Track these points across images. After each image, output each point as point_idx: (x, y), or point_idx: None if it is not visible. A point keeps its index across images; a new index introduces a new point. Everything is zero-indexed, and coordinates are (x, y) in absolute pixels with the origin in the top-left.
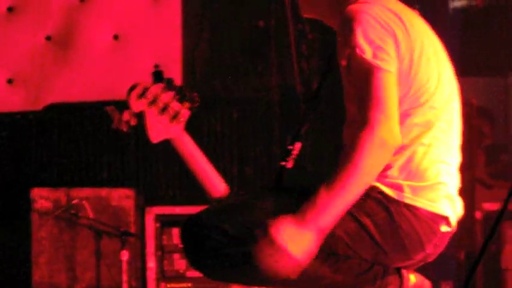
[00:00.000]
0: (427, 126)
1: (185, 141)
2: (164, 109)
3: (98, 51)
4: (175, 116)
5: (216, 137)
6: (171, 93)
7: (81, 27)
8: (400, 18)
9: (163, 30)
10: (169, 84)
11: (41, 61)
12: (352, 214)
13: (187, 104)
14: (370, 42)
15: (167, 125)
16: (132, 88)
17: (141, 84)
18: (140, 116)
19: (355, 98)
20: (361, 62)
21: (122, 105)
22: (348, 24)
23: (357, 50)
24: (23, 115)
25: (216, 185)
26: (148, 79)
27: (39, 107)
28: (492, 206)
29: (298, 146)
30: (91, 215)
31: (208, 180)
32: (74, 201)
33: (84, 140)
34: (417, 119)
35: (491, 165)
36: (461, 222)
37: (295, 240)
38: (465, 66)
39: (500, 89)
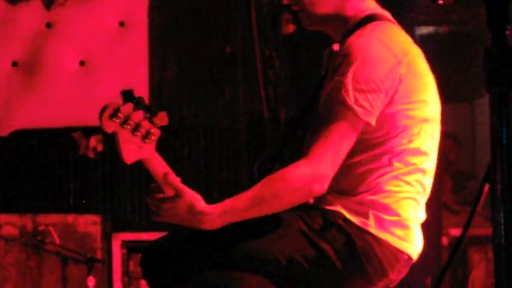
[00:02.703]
0: (413, 167)
1: (157, 161)
2: (136, 128)
3: (64, 77)
4: (146, 136)
5: (183, 163)
6: (142, 112)
7: (48, 53)
8: (405, 55)
9: (130, 56)
10: (139, 103)
11: (7, 87)
12: (311, 240)
13: (157, 123)
14: (358, 85)
15: (139, 145)
16: (104, 109)
17: (112, 104)
18: (106, 142)
19: (315, 125)
20: (340, 100)
21: (88, 132)
22: (344, 58)
23: (342, 89)
24: None
25: None
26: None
27: (5, 133)
28: (459, 232)
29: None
30: (57, 241)
31: None
32: (41, 228)
33: (51, 166)
34: (401, 159)
35: (458, 192)
36: (428, 248)
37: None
38: None
39: (467, 115)
